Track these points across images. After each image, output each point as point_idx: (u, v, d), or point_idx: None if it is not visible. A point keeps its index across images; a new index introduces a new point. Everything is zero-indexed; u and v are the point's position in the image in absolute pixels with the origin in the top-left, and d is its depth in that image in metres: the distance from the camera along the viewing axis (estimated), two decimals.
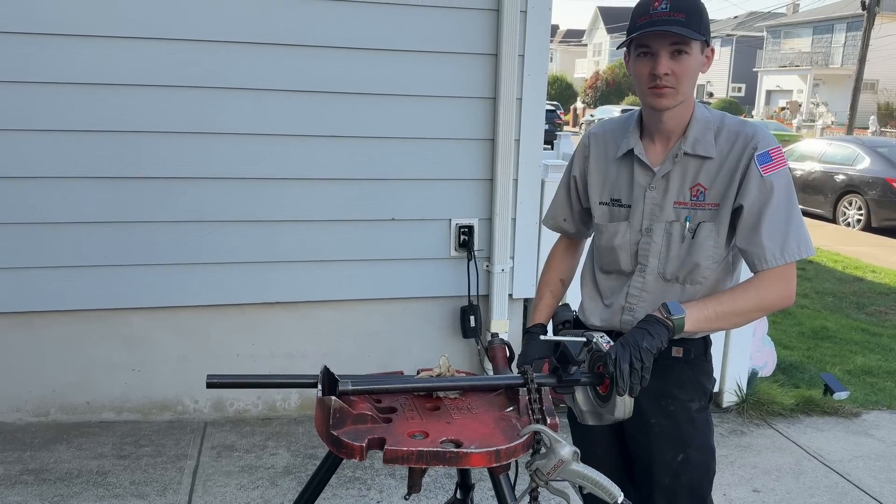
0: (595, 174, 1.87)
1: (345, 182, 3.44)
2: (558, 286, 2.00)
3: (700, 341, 1.82)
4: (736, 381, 3.89)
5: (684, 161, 1.72)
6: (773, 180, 1.64)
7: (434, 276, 3.63)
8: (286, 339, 3.59)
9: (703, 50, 1.66)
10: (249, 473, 3.07)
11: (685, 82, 1.63)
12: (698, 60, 1.64)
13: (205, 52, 3.19)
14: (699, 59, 1.65)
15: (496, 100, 3.48)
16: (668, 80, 1.62)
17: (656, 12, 1.58)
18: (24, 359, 3.34)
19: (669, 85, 1.62)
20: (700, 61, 1.65)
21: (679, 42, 1.59)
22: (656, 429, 1.80)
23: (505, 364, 1.73)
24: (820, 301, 6.74)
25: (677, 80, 1.62)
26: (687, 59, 1.61)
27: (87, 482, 2.95)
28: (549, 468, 1.34)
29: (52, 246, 3.22)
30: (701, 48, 1.64)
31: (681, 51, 1.60)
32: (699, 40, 1.61)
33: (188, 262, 3.35)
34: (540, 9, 3.46)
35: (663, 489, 1.81)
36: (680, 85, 1.63)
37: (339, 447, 1.34)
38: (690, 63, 1.62)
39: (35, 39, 3.04)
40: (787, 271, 1.66)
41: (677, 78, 1.62)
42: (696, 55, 1.63)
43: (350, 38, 3.32)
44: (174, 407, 3.54)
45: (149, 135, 3.21)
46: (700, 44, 1.63)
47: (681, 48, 1.60)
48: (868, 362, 4.92)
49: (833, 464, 3.39)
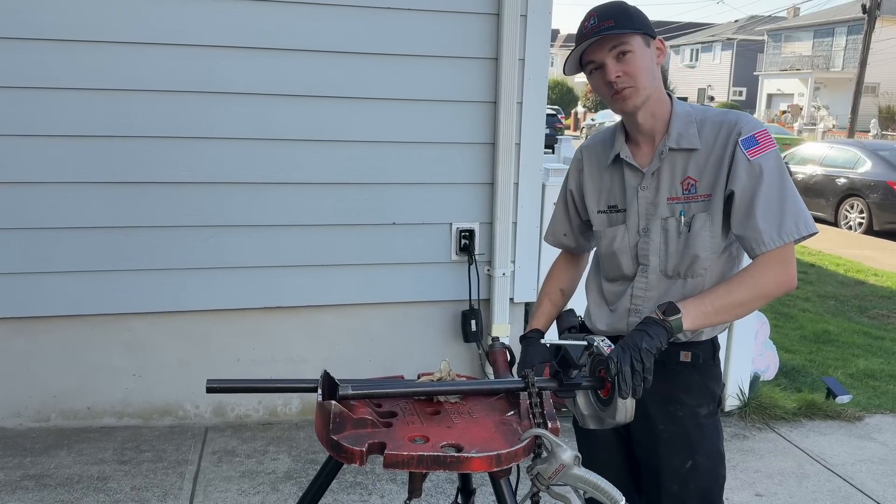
0: (590, 185, 1.89)
1: (346, 186, 3.44)
2: (558, 296, 2.01)
3: (708, 345, 1.81)
4: (738, 385, 3.88)
5: (671, 157, 1.73)
6: (761, 163, 1.63)
7: (435, 280, 3.63)
8: (287, 343, 3.58)
9: (649, 43, 1.69)
10: (250, 479, 3.06)
11: (641, 78, 1.66)
12: (646, 54, 1.67)
13: (205, 57, 3.20)
14: (647, 53, 1.67)
15: (497, 104, 3.48)
16: (623, 82, 1.66)
17: (587, 30, 1.66)
18: (25, 364, 3.34)
19: (626, 85, 1.66)
20: (650, 54, 1.68)
21: (617, 44, 1.64)
22: (664, 435, 1.79)
23: (506, 368, 1.73)
24: (822, 305, 6.73)
25: (632, 78, 1.65)
26: (632, 56, 1.65)
27: (87, 488, 2.94)
28: (551, 472, 1.34)
29: (52, 251, 3.22)
30: (645, 42, 1.67)
31: (623, 52, 1.64)
32: (636, 34, 1.65)
33: (189, 266, 3.35)
34: (540, 13, 3.47)
35: (672, 496, 1.80)
36: (637, 82, 1.66)
37: (339, 452, 1.33)
38: (637, 59, 1.65)
39: (35, 45, 3.04)
40: (784, 254, 1.64)
41: (631, 76, 1.65)
42: (640, 50, 1.66)
43: (351, 42, 3.32)
44: (175, 412, 3.54)
45: (149, 140, 3.21)
46: (640, 38, 1.66)
47: (622, 49, 1.64)
48: (870, 366, 4.91)
49: (836, 468, 3.38)
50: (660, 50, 1.72)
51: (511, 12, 3.37)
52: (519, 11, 3.39)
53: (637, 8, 1.68)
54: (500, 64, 3.43)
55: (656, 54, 1.70)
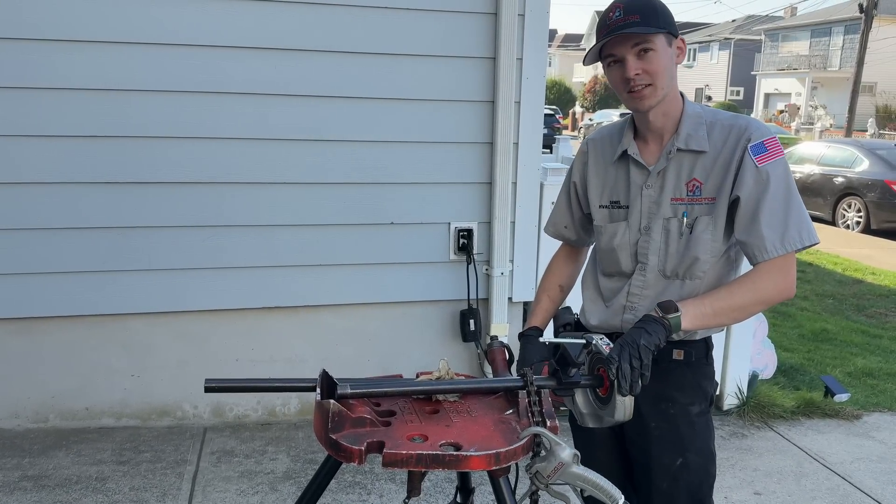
0: (594, 178, 1.88)
1: (344, 186, 3.44)
2: (557, 292, 2.00)
3: (701, 343, 1.81)
4: (736, 384, 3.88)
5: (678, 157, 1.72)
6: (768, 170, 1.63)
7: (433, 279, 3.63)
8: (286, 343, 3.58)
9: (671, 42, 1.67)
10: (249, 479, 3.06)
11: (660, 77, 1.64)
12: (667, 53, 1.65)
13: (203, 57, 3.19)
14: (668, 52, 1.66)
15: (495, 103, 3.48)
16: (641, 80, 1.64)
17: (612, 21, 1.63)
18: (23, 365, 3.33)
19: (645, 83, 1.64)
20: (671, 54, 1.67)
21: (640, 42, 1.62)
22: (655, 432, 1.79)
23: (504, 367, 1.73)
24: (820, 303, 6.74)
25: (651, 77, 1.64)
26: (654, 55, 1.63)
27: (86, 488, 2.94)
28: (550, 471, 1.34)
29: (51, 251, 3.21)
30: (667, 41, 1.65)
31: (646, 49, 1.62)
32: (660, 33, 1.62)
33: (188, 267, 3.35)
34: (538, 12, 3.47)
35: (662, 493, 1.80)
36: (656, 81, 1.64)
37: (337, 451, 1.33)
38: (658, 58, 1.63)
39: (34, 45, 3.04)
40: (785, 262, 1.64)
41: (650, 75, 1.64)
42: (662, 49, 1.64)
43: (349, 42, 3.32)
44: (173, 412, 3.53)
45: (147, 140, 3.21)
46: (664, 37, 1.64)
47: (644, 47, 1.62)
48: (868, 364, 4.91)
49: (834, 466, 3.38)
50: (680, 49, 1.70)
51: (509, 12, 3.37)
52: (517, 11, 3.39)
53: (663, 3, 1.66)
54: (498, 63, 3.43)
55: (676, 53, 1.68)
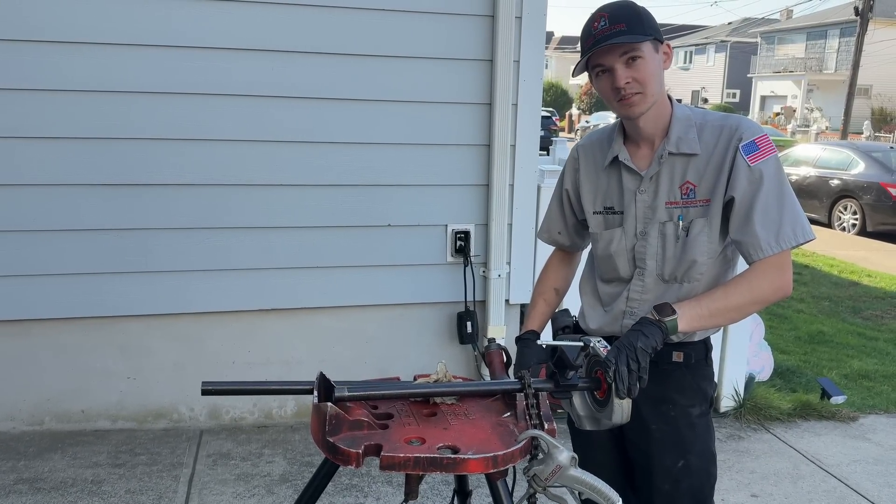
0: (587, 185, 1.88)
1: (340, 188, 3.44)
2: (552, 295, 2.00)
3: (700, 345, 1.81)
4: (733, 386, 3.88)
5: (670, 161, 1.72)
6: (761, 169, 1.63)
7: (430, 281, 3.62)
8: (282, 346, 3.58)
9: (658, 48, 1.67)
10: (245, 481, 3.05)
11: (649, 84, 1.64)
12: (655, 60, 1.65)
13: (200, 59, 3.19)
14: (656, 59, 1.66)
15: (492, 105, 3.48)
16: (631, 88, 1.64)
17: (598, 31, 1.62)
18: (19, 367, 3.32)
19: (635, 91, 1.64)
20: (658, 59, 1.67)
21: (628, 50, 1.62)
22: (656, 434, 1.80)
23: (502, 369, 1.73)
24: (816, 305, 6.76)
25: (641, 84, 1.64)
26: (642, 62, 1.63)
27: (81, 491, 2.93)
28: (547, 474, 1.34)
29: (47, 253, 3.20)
30: (654, 47, 1.65)
31: (634, 57, 1.62)
32: (647, 40, 1.62)
33: (184, 269, 3.34)
34: (535, 15, 3.47)
35: (663, 495, 1.80)
36: (645, 88, 1.64)
37: (335, 454, 1.33)
38: (647, 65, 1.63)
39: (34, 47, 3.03)
40: (780, 260, 1.64)
41: (640, 83, 1.64)
42: (650, 56, 1.64)
43: (345, 44, 3.32)
44: (170, 415, 3.52)
45: (143, 141, 3.20)
46: (650, 44, 1.64)
47: (633, 55, 1.62)
48: (865, 366, 4.93)
49: (831, 468, 3.39)
50: (666, 55, 1.70)
51: (506, 14, 3.37)
52: (514, 13, 3.40)
53: (646, 9, 1.66)
54: (495, 66, 3.43)
55: (663, 59, 1.69)
